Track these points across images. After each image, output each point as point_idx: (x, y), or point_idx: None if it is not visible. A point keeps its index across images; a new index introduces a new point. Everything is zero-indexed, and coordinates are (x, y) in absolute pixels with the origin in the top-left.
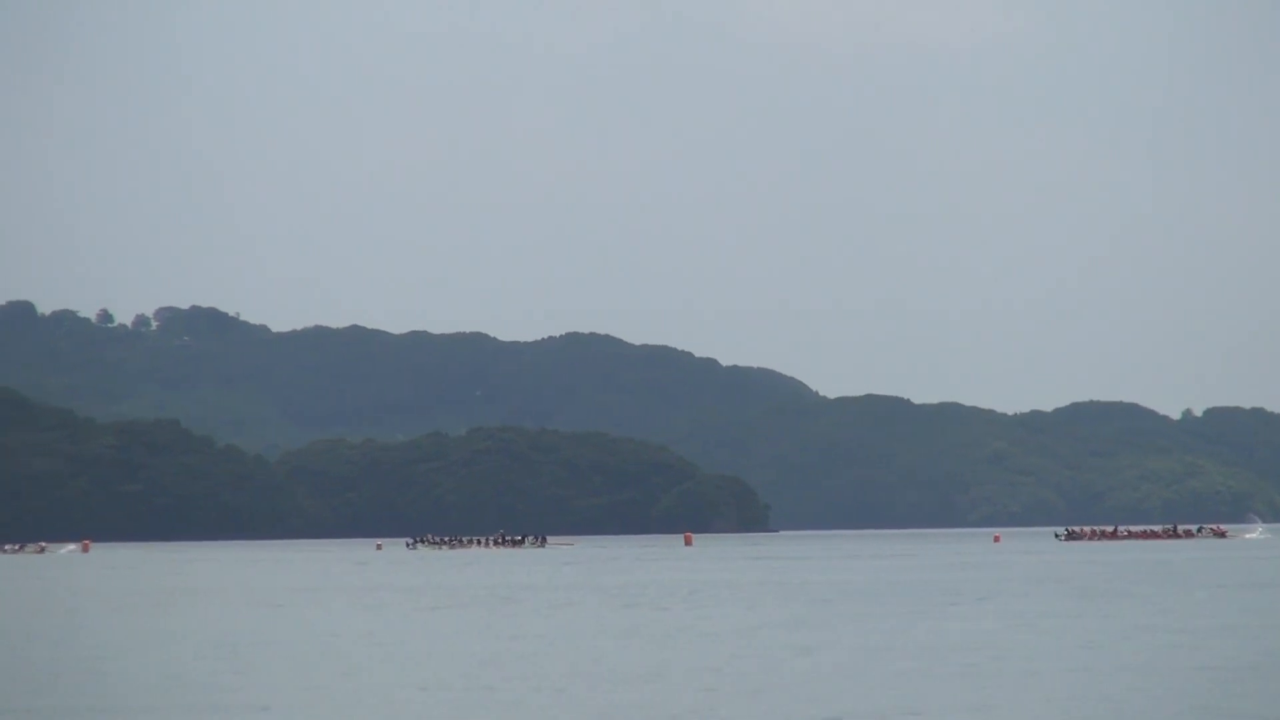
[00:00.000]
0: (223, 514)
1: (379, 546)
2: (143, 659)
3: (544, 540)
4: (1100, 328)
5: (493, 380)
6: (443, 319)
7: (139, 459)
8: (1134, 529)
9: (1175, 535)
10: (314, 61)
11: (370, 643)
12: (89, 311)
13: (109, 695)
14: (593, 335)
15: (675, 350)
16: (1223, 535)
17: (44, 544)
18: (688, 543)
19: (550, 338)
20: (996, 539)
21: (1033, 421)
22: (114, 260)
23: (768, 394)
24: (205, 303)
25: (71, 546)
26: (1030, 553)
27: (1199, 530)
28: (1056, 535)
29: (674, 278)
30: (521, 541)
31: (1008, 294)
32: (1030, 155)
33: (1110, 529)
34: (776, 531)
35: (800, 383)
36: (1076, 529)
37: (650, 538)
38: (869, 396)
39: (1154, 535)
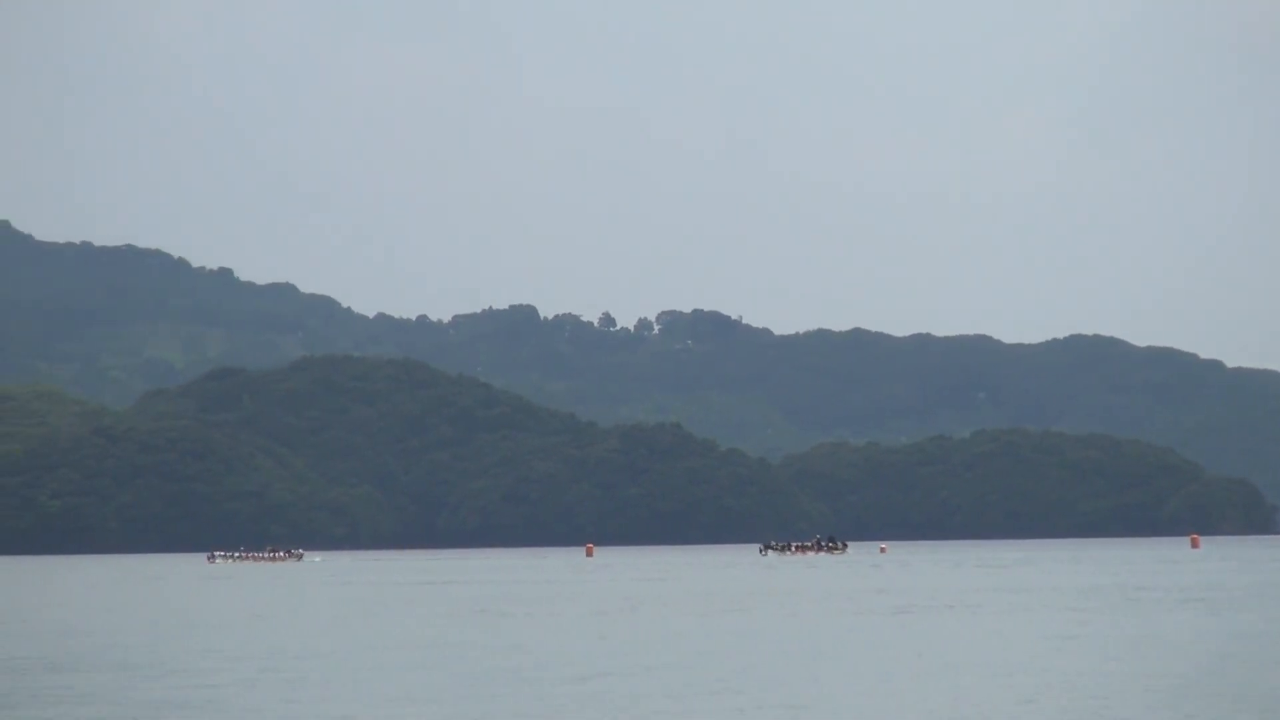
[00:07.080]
0: (725, 517)
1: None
2: None
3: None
4: None
5: (996, 382)
6: (946, 321)
7: (641, 463)
8: None
9: None
10: (814, 65)
11: None
12: (591, 315)
13: None
14: (1097, 337)
15: (1180, 352)
16: None
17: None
18: (1194, 545)
19: (1054, 340)
20: None
21: None
22: (616, 265)
23: (1274, 396)
24: (707, 306)
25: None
26: None
27: None
28: None
29: (1180, 278)
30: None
31: None
32: None
33: None
34: None
35: None
36: None
37: (1155, 540)
38: None
39: None
